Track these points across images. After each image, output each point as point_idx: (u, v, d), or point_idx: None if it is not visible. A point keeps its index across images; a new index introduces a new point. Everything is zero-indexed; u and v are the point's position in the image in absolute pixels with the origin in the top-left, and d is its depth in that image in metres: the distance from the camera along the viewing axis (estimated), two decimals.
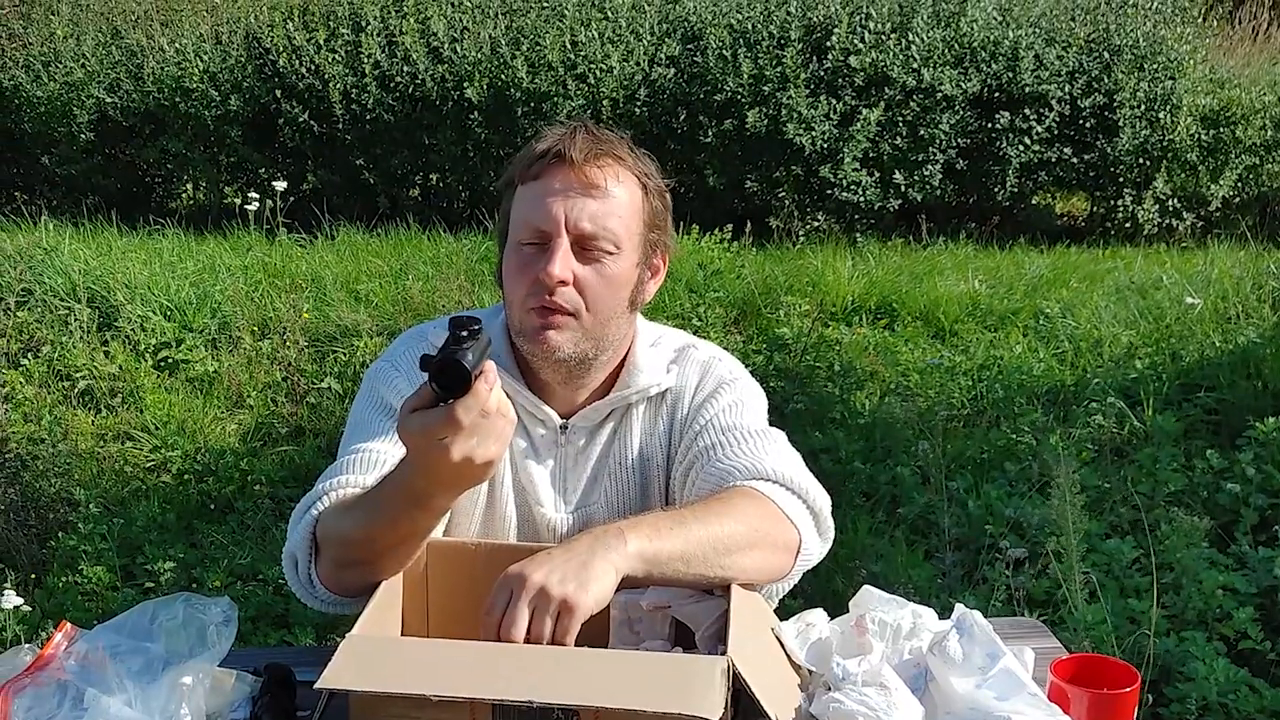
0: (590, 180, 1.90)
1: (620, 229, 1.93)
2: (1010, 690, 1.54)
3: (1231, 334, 5.88)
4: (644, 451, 2.07)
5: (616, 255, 1.93)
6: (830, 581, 3.90)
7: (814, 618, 1.77)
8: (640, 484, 2.06)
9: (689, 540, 1.71)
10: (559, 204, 1.90)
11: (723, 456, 1.95)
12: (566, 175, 1.90)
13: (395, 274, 7.26)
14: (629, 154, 1.97)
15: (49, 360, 6.06)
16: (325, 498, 1.84)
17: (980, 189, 9.34)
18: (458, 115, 8.99)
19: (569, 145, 1.90)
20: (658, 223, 2.01)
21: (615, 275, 1.94)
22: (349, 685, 1.46)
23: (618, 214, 1.92)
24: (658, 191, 2.00)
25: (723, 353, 2.16)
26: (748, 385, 2.12)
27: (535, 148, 1.94)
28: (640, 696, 1.43)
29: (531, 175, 1.92)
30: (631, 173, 1.96)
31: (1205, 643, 3.48)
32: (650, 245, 2.00)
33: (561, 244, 1.89)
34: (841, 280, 7.24)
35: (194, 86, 9.32)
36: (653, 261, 2.03)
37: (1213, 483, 4.47)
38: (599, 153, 1.91)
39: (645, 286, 2.04)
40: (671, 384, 2.07)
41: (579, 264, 1.91)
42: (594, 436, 2.06)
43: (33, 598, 4.02)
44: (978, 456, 4.99)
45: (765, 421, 2.08)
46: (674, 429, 2.06)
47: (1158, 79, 9.04)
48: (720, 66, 8.73)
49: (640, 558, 1.66)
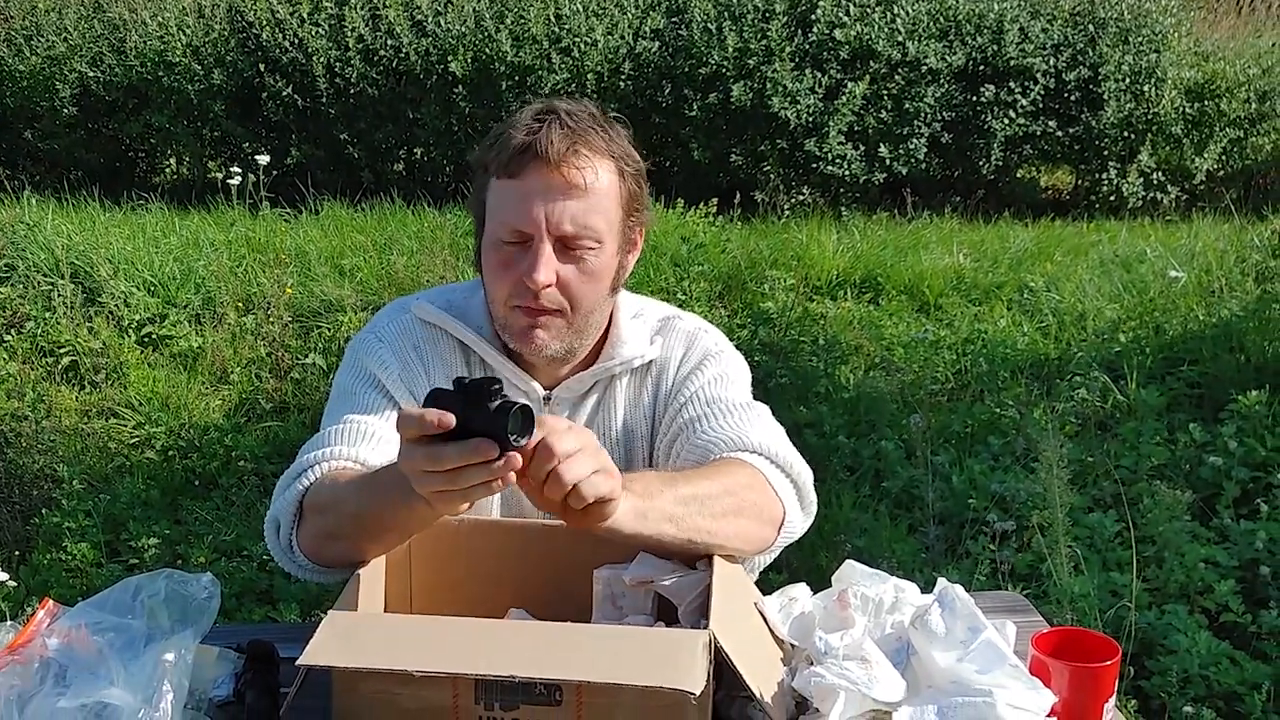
0: (569, 180, 1.86)
1: (602, 224, 1.90)
2: (992, 663, 1.55)
3: (1215, 307, 5.89)
4: (628, 423, 2.07)
5: (599, 250, 1.91)
6: (814, 555, 3.91)
7: (797, 592, 1.78)
8: (624, 455, 2.06)
9: (678, 500, 1.72)
10: (539, 206, 1.86)
11: (707, 429, 1.95)
12: (545, 175, 1.85)
13: (380, 249, 7.24)
14: (604, 138, 1.91)
15: (32, 336, 6.04)
16: (316, 468, 1.84)
17: (965, 163, 9.34)
18: (442, 89, 8.95)
19: (545, 142, 1.85)
20: (636, 205, 1.97)
21: (598, 269, 1.92)
22: (331, 661, 1.46)
23: (599, 210, 1.90)
24: (634, 173, 1.96)
25: (707, 324, 2.16)
26: (732, 358, 2.11)
27: (511, 138, 1.88)
28: (623, 671, 1.43)
29: (508, 172, 1.88)
30: (609, 159, 1.91)
31: (1187, 616, 3.50)
32: (630, 227, 1.98)
33: (544, 248, 1.87)
34: (826, 254, 7.24)
35: (177, 60, 9.27)
36: (631, 239, 2.01)
37: (1195, 456, 4.48)
38: (575, 147, 1.86)
39: (625, 266, 2.02)
40: (656, 355, 2.07)
41: (562, 263, 1.89)
42: (578, 408, 2.06)
43: (17, 574, 4.02)
44: (962, 430, 5.00)
45: (749, 394, 2.09)
46: (658, 400, 2.06)
47: (1142, 52, 9.03)
48: (705, 40, 8.69)
49: (634, 513, 1.66)
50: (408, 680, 1.44)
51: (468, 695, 1.47)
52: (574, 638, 1.54)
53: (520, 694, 1.46)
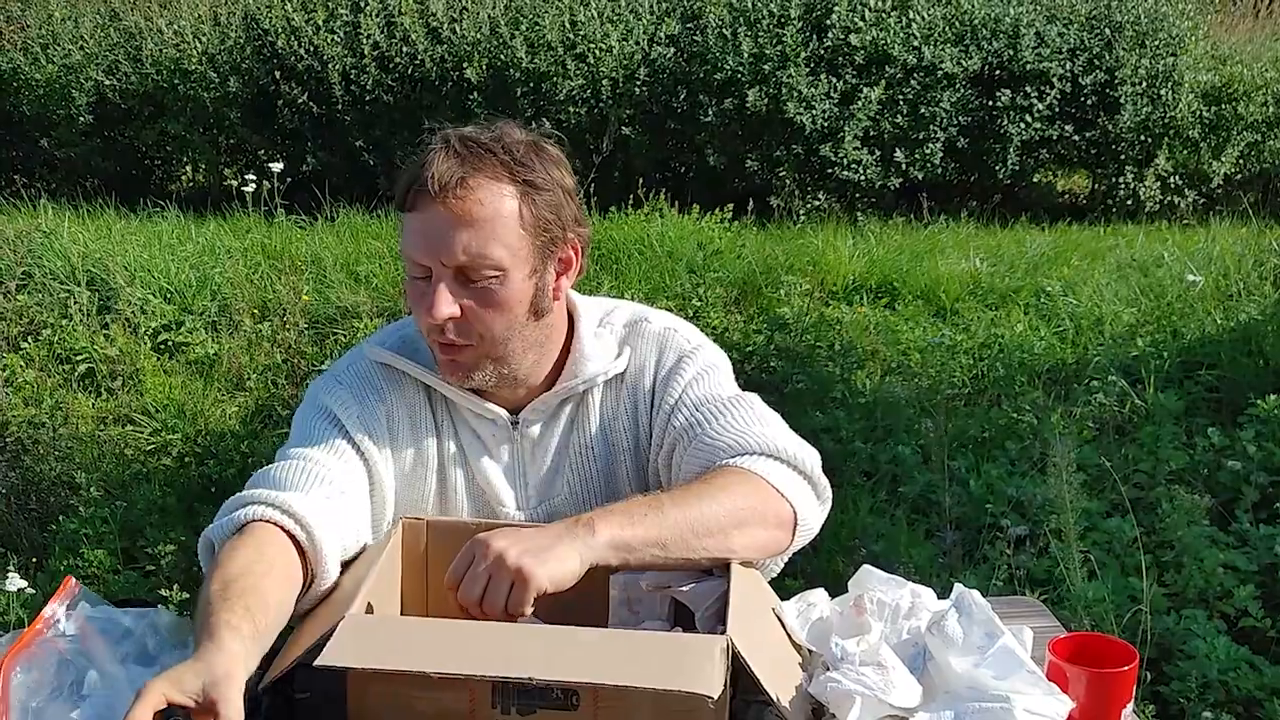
0: (455, 212, 1.81)
1: (500, 252, 1.83)
2: (1009, 669, 1.54)
3: (1233, 311, 5.87)
4: (607, 436, 2.02)
5: (502, 277, 1.85)
6: (830, 561, 3.90)
7: (815, 597, 1.77)
8: (604, 470, 2.02)
9: (664, 525, 1.71)
10: (430, 240, 1.82)
11: (705, 434, 1.91)
12: (433, 207, 1.81)
13: (395, 255, 7.23)
14: (502, 161, 1.85)
15: (49, 344, 6.06)
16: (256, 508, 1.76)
17: (981, 167, 9.32)
18: (457, 96, 8.96)
19: (430, 174, 1.80)
20: (547, 225, 1.88)
21: (505, 298, 1.86)
22: (348, 663, 1.46)
23: (494, 238, 1.83)
24: (547, 192, 1.88)
25: (678, 321, 2.10)
26: (709, 352, 2.06)
27: (407, 171, 1.86)
28: (640, 674, 1.43)
29: (405, 206, 1.85)
30: (506, 184, 1.84)
31: (1206, 621, 3.48)
32: (546, 249, 1.90)
33: (439, 284, 1.83)
34: (842, 259, 7.22)
35: (193, 68, 9.30)
36: (560, 258, 1.93)
37: (1214, 460, 4.46)
38: (463, 177, 1.81)
39: (552, 288, 1.94)
40: (624, 366, 2.02)
41: (463, 296, 1.85)
42: (550, 426, 2.01)
43: (35, 581, 4.02)
44: (979, 435, 4.98)
45: (734, 384, 2.04)
46: (639, 409, 2.01)
47: (1159, 55, 9.01)
48: (720, 45, 8.70)
49: (611, 546, 1.67)
50: (424, 683, 1.44)
51: (484, 698, 1.47)
52: (591, 641, 1.54)
53: (537, 697, 1.46)
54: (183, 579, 3.96)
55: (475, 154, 1.84)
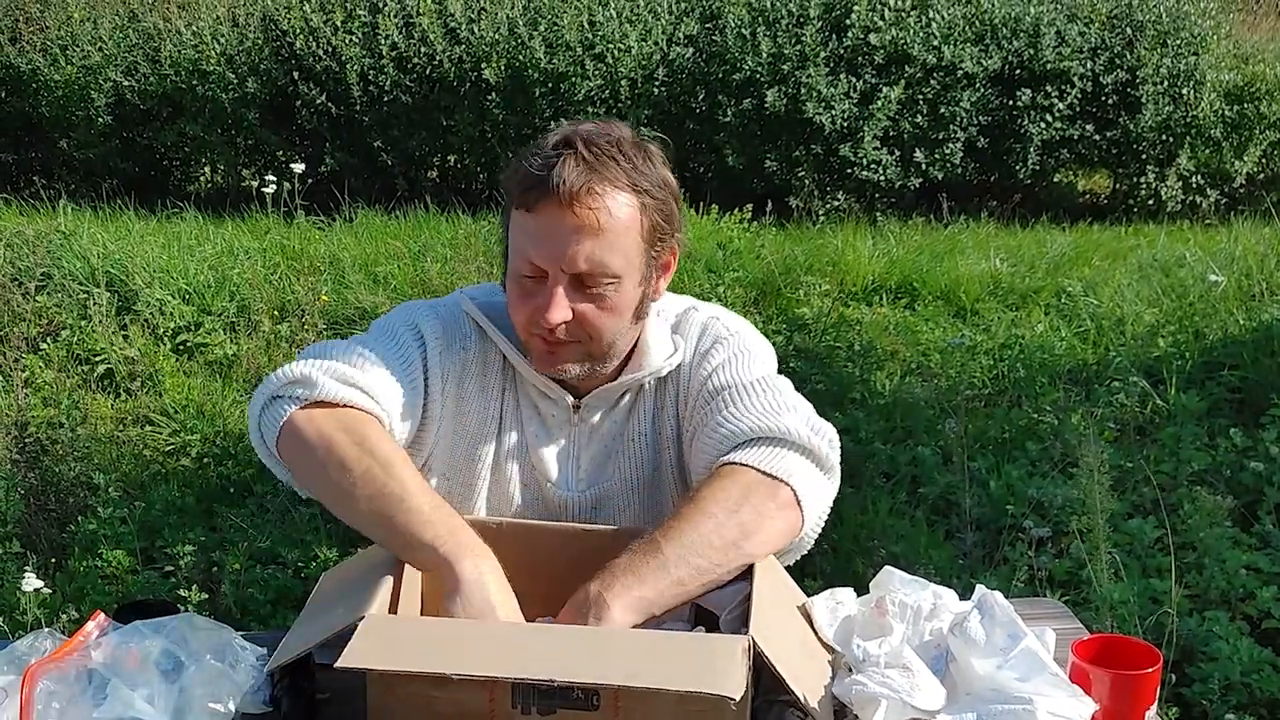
0: (583, 220, 1.81)
1: (619, 261, 1.86)
2: (1031, 671, 1.53)
3: (1255, 312, 5.84)
4: (656, 426, 2.04)
5: (617, 285, 1.87)
6: (851, 562, 3.88)
7: (843, 595, 1.76)
8: (652, 459, 2.04)
9: (670, 566, 1.68)
10: (552, 245, 1.83)
11: (710, 428, 1.91)
12: (558, 213, 1.81)
13: (414, 256, 7.25)
14: (625, 168, 1.85)
15: (68, 344, 6.07)
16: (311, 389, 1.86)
17: (1002, 167, 9.29)
18: (475, 96, 8.96)
19: (559, 180, 1.80)
20: (660, 234, 1.92)
21: (617, 304, 1.89)
22: (368, 664, 1.45)
23: (615, 248, 1.85)
24: (661, 200, 1.90)
25: (723, 310, 2.12)
26: (744, 337, 2.06)
27: (528, 170, 1.84)
28: (661, 675, 1.42)
29: (524, 205, 1.85)
30: (629, 193, 1.86)
31: (1228, 622, 3.46)
32: (655, 257, 1.94)
33: (558, 288, 1.84)
34: (862, 259, 7.21)
35: (211, 69, 9.32)
36: (661, 263, 1.97)
37: (1236, 462, 4.44)
38: (590, 185, 1.81)
39: (653, 291, 1.98)
40: (679, 361, 2.03)
41: (578, 301, 1.86)
42: (609, 414, 2.04)
43: (53, 581, 4.03)
44: (999, 436, 4.96)
45: (770, 369, 2.04)
46: (679, 398, 2.03)
47: (1180, 55, 8.97)
48: (739, 45, 8.68)
49: (634, 609, 1.65)
50: (444, 683, 1.44)
51: (504, 699, 1.46)
52: (612, 642, 1.53)
53: (557, 698, 1.45)
54: (201, 579, 3.97)
55: (601, 160, 1.84)
